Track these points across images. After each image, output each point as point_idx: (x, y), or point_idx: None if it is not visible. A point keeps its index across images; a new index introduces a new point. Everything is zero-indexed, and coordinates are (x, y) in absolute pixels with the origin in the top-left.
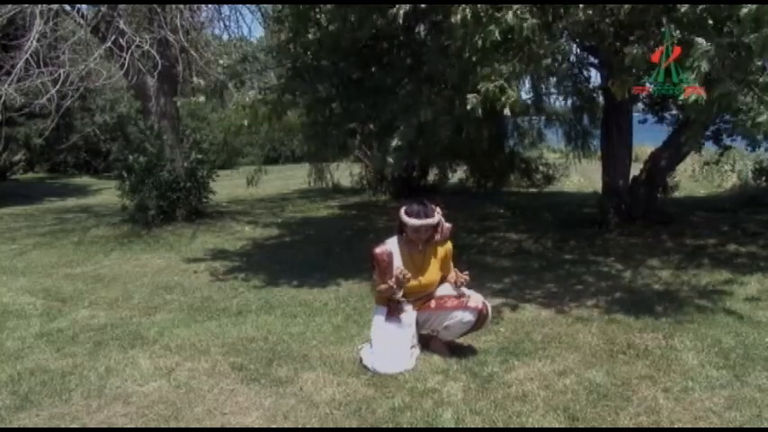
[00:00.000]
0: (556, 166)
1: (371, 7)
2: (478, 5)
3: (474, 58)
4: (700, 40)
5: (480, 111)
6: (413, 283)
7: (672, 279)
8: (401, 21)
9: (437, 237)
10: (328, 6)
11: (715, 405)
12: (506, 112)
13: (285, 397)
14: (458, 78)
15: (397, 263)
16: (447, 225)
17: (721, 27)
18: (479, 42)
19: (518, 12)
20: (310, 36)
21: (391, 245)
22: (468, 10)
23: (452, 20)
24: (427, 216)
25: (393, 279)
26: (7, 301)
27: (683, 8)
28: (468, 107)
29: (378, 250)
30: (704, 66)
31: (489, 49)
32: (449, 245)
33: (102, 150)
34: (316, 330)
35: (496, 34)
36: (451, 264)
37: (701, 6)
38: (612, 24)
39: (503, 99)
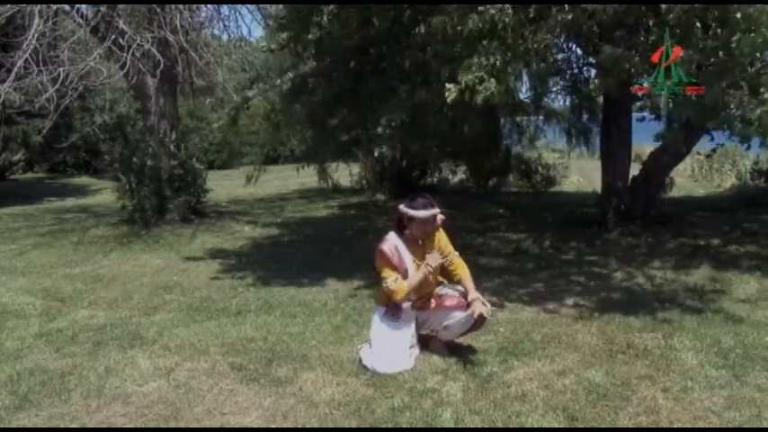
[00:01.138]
0: (555, 167)
1: (372, 9)
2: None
3: (456, 48)
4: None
5: (457, 97)
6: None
7: (671, 279)
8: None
9: (434, 228)
10: (330, 7)
11: (714, 405)
12: (495, 101)
13: (284, 397)
14: (441, 66)
15: (405, 254)
16: (440, 216)
17: (707, 30)
18: (462, 30)
19: (502, 8)
20: (310, 36)
21: (394, 239)
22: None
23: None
24: (433, 206)
25: (432, 259)
26: (6, 301)
27: (672, 11)
28: (448, 98)
29: (385, 247)
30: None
31: (471, 40)
32: (441, 233)
33: (102, 150)
34: (315, 330)
35: (477, 22)
36: (451, 247)
37: (686, 6)
38: (598, 25)
39: (483, 90)
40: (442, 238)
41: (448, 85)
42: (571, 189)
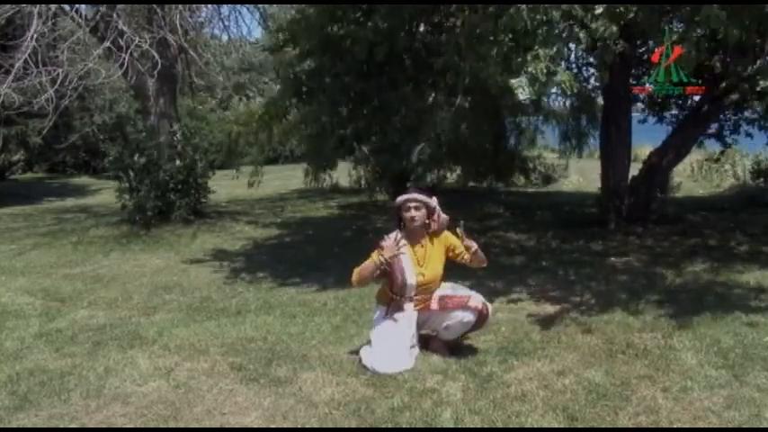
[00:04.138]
0: (554, 167)
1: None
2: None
3: (515, 42)
4: None
5: (528, 93)
6: (419, 279)
7: (670, 279)
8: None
9: (434, 225)
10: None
11: (714, 405)
12: (568, 93)
13: (284, 397)
14: (499, 66)
15: (404, 250)
16: (444, 216)
17: None
18: (528, 23)
19: None
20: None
21: (397, 235)
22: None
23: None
24: (416, 193)
25: (391, 245)
26: (6, 302)
27: None
28: (518, 93)
29: (384, 241)
30: None
31: (534, 31)
32: (447, 235)
33: (101, 150)
34: (315, 330)
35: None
36: (459, 243)
37: None
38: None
39: (555, 79)
40: (446, 242)
41: (513, 81)
42: (571, 189)
